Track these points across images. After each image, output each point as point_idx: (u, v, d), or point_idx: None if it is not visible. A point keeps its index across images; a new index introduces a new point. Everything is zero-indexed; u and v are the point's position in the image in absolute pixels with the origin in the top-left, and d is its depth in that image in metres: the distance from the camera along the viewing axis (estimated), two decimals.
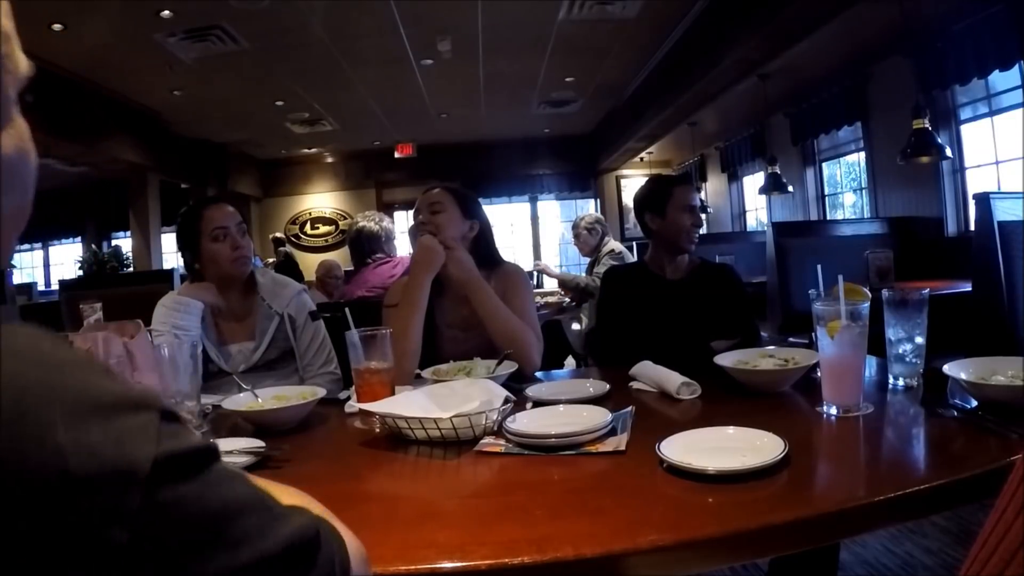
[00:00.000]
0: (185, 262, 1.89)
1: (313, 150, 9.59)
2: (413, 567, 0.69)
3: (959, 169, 4.44)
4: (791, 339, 1.54)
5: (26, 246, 10.52)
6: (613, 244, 4.40)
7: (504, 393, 1.20)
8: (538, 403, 1.31)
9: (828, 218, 6.35)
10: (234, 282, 1.86)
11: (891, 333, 1.28)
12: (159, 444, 0.39)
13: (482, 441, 1.10)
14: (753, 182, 7.69)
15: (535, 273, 5.13)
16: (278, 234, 9.47)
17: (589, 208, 10.32)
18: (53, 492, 0.34)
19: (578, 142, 9.78)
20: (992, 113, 4.26)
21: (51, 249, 10.77)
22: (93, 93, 6.04)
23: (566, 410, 1.19)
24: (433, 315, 1.79)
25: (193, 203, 1.95)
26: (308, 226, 10.25)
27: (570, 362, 4.25)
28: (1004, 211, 2.51)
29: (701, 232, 2.12)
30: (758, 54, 4.69)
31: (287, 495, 0.62)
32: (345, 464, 1.12)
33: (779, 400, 1.28)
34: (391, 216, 4.07)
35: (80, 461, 0.35)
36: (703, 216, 2.12)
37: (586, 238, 4.47)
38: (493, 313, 1.69)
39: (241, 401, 1.39)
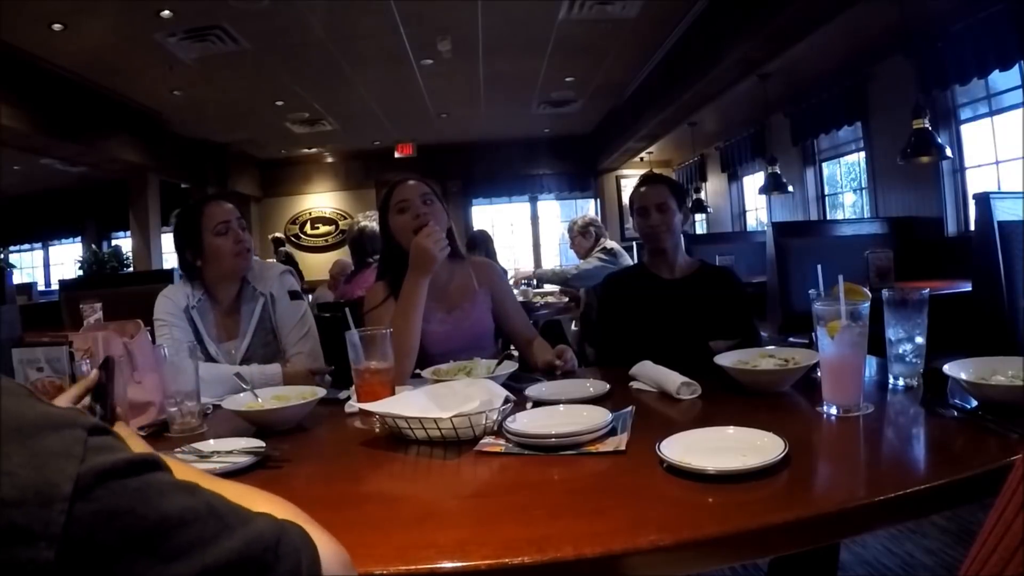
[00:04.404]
0: (183, 260, 1.89)
1: (313, 150, 9.59)
2: (413, 567, 0.69)
3: (959, 169, 4.44)
4: (791, 339, 1.53)
5: (26, 246, 10.53)
6: (608, 244, 4.40)
7: (504, 393, 1.20)
8: (538, 403, 1.31)
9: (828, 218, 6.35)
10: (235, 276, 1.88)
11: (891, 333, 1.28)
12: (83, 461, 0.40)
13: (482, 441, 1.10)
14: (753, 182, 7.69)
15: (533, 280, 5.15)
16: (278, 234, 9.48)
17: (589, 208, 10.33)
18: None
19: (578, 142, 9.78)
20: (992, 113, 4.26)
21: (51, 249, 10.76)
22: (93, 93, 6.05)
23: (566, 410, 1.19)
24: None
25: (192, 201, 1.96)
26: (308, 226, 10.25)
27: None
28: (1004, 211, 2.51)
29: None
30: (758, 54, 4.70)
31: (263, 501, 0.60)
32: (345, 464, 1.12)
33: (779, 400, 1.28)
34: None
35: None
36: (673, 215, 2.09)
37: (580, 241, 4.47)
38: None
39: (241, 401, 1.39)
